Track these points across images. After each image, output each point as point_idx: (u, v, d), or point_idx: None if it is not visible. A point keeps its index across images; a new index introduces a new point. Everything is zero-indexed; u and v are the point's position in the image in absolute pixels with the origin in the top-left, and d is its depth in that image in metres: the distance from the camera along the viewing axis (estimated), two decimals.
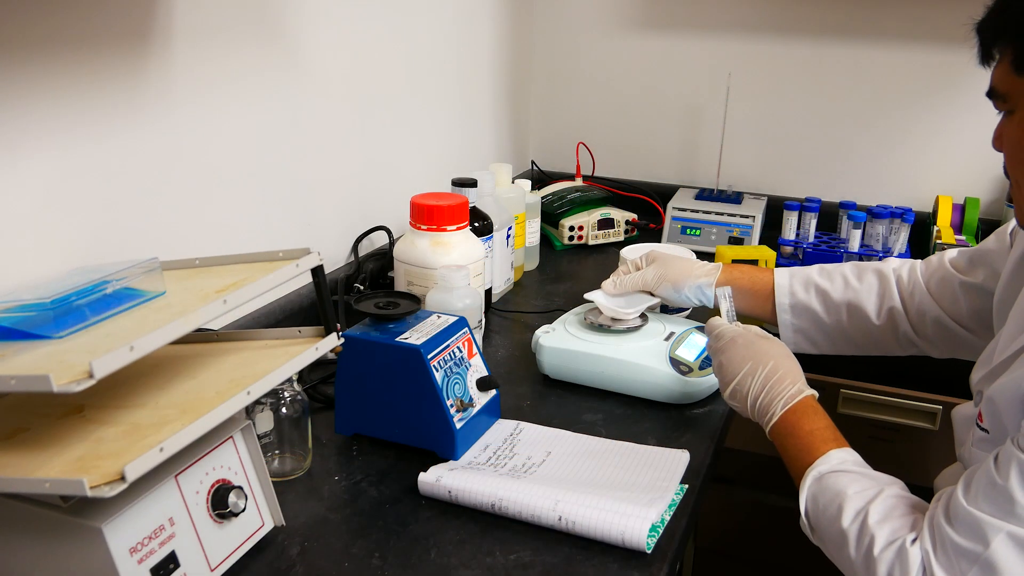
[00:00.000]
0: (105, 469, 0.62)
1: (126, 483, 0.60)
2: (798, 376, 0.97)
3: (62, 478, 0.61)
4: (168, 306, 0.75)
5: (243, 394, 0.70)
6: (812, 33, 1.80)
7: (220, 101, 1.10)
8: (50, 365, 0.63)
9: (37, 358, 0.65)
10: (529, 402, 1.13)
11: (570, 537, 0.85)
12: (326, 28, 1.28)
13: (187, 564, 0.72)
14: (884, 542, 0.78)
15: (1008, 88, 0.82)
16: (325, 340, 0.81)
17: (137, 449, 0.63)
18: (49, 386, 0.58)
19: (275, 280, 0.76)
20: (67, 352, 0.66)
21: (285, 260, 0.81)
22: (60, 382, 0.58)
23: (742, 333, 1.03)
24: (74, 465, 0.64)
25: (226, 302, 0.70)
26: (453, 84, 1.69)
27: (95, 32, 0.91)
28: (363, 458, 0.99)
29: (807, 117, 1.85)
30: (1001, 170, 0.92)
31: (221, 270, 0.83)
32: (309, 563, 0.81)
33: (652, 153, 1.99)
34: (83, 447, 0.67)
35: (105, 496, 0.59)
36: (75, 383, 0.58)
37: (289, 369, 0.76)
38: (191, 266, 0.86)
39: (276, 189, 1.23)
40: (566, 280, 1.58)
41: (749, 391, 0.97)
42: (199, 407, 0.69)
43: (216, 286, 0.77)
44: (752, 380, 0.97)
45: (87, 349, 0.65)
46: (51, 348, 0.67)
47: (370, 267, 1.39)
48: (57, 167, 0.90)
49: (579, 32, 1.98)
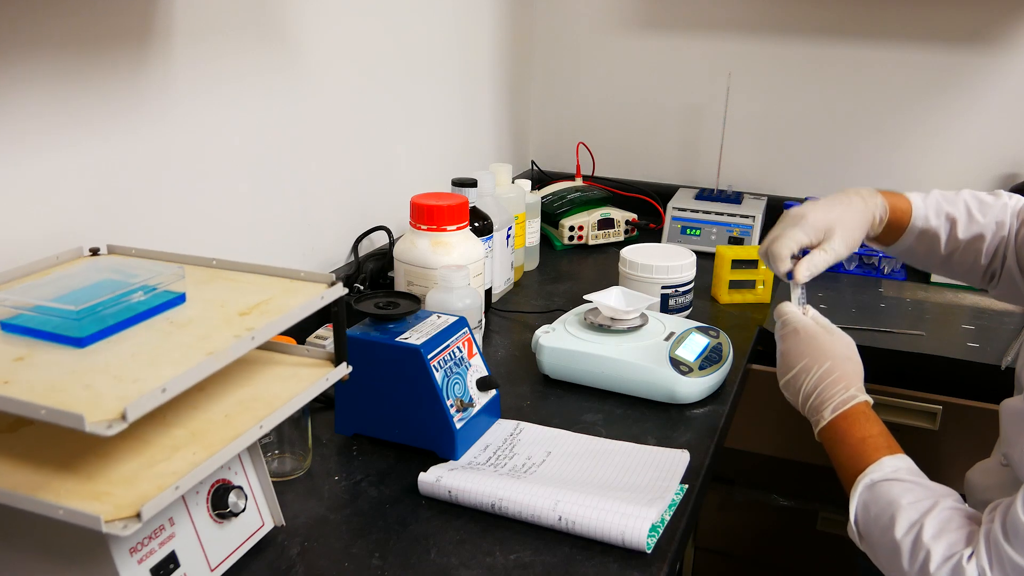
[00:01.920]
0: (118, 500, 0.62)
1: (141, 523, 0.60)
2: (854, 379, 0.95)
3: (77, 509, 0.60)
4: (191, 322, 0.73)
5: (256, 428, 0.70)
6: (812, 33, 1.80)
7: (220, 100, 1.10)
8: (76, 390, 0.62)
9: (61, 376, 0.64)
10: (529, 402, 1.13)
11: (570, 537, 0.85)
12: (326, 28, 1.28)
13: (187, 564, 0.72)
14: (940, 558, 0.77)
15: None
16: (335, 370, 0.81)
17: (151, 481, 0.63)
18: (81, 425, 0.57)
19: (299, 314, 0.75)
20: (93, 373, 0.65)
21: (307, 281, 0.81)
22: (92, 420, 0.57)
23: (807, 325, 1.00)
24: (84, 487, 0.63)
25: (254, 339, 0.70)
26: (453, 84, 1.69)
27: (95, 31, 0.91)
28: (363, 458, 0.99)
29: (807, 117, 1.85)
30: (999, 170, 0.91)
31: (240, 279, 0.82)
32: (309, 563, 0.81)
33: (652, 153, 1.99)
34: (91, 461, 0.66)
35: (119, 534, 0.59)
36: (106, 424, 0.57)
37: (300, 401, 0.75)
38: (208, 266, 0.85)
39: (276, 189, 1.23)
40: (566, 280, 1.58)
41: (802, 388, 0.95)
42: (209, 432, 0.69)
43: (237, 304, 0.76)
44: (807, 377, 0.95)
45: (113, 372, 0.64)
46: (75, 363, 0.66)
47: (370, 267, 1.39)
48: (57, 166, 0.90)
49: (579, 32, 1.98)
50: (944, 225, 1.11)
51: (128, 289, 0.73)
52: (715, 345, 1.17)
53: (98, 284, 0.75)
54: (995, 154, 1.74)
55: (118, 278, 0.76)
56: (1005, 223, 1.11)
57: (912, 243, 1.12)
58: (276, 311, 0.75)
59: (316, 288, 0.80)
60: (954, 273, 1.16)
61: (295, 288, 0.80)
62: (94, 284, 0.76)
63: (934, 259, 1.14)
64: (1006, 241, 1.10)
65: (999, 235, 1.10)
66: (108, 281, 0.76)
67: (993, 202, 1.12)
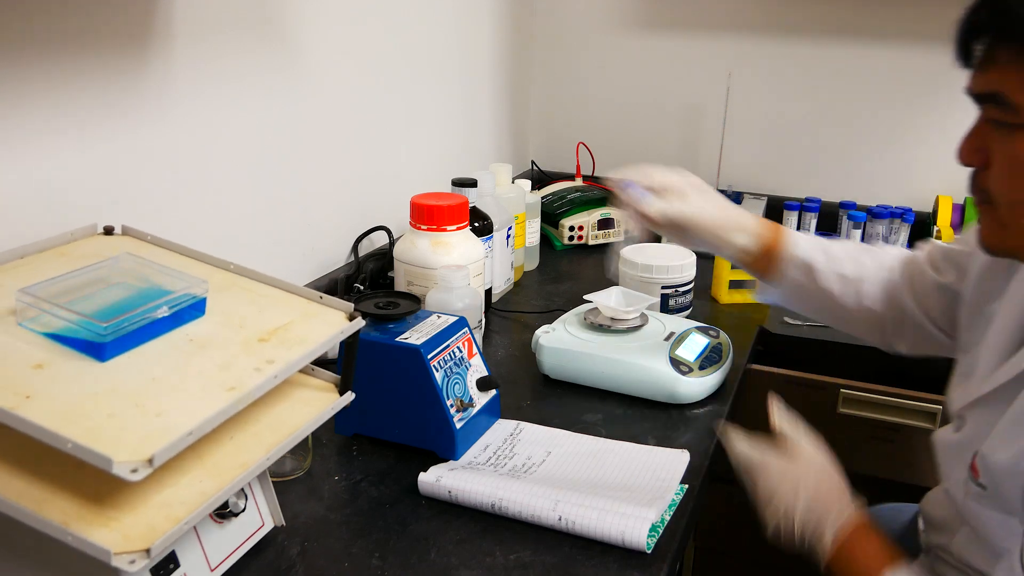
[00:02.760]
0: (127, 529, 0.61)
1: (149, 559, 0.60)
2: (838, 497, 0.88)
3: (88, 539, 0.60)
4: (210, 343, 0.72)
5: (263, 459, 0.70)
6: (812, 33, 1.80)
7: (220, 100, 1.10)
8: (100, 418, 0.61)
9: (82, 397, 0.63)
10: (529, 402, 1.13)
11: (570, 537, 0.85)
12: (326, 27, 1.28)
13: (187, 564, 0.72)
14: None
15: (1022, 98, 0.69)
16: (340, 399, 0.81)
17: (159, 510, 0.63)
18: (109, 467, 0.57)
19: (319, 350, 0.74)
20: (115, 397, 0.64)
21: (326, 307, 0.80)
22: (119, 460, 0.57)
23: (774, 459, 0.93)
24: (90, 509, 0.63)
25: (276, 377, 0.69)
26: (453, 84, 1.69)
27: (95, 31, 0.91)
28: (363, 458, 0.99)
29: (807, 117, 1.85)
30: None
31: (257, 292, 0.81)
32: (309, 563, 0.81)
33: (652, 153, 1.99)
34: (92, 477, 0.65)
35: (126, 569, 0.59)
36: (131, 467, 0.57)
37: (305, 430, 0.75)
38: (226, 269, 0.84)
39: (276, 189, 1.23)
40: (566, 280, 1.58)
41: (795, 529, 0.88)
42: (216, 458, 0.69)
43: (255, 324, 0.75)
44: (793, 517, 0.87)
45: (135, 400, 0.64)
46: (96, 383, 0.65)
47: (370, 267, 1.39)
48: (56, 167, 0.90)
49: (579, 32, 1.98)
50: (820, 255, 1.07)
51: (154, 304, 0.71)
52: (715, 345, 1.17)
53: (124, 296, 0.73)
54: None
55: (142, 286, 0.75)
56: (894, 268, 1.07)
57: (796, 275, 1.07)
58: (296, 341, 0.74)
59: (336, 317, 0.79)
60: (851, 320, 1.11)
61: (314, 313, 0.79)
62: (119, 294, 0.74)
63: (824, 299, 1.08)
64: (898, 289, 1.06)
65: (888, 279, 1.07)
66: (134, 293, 0.74)
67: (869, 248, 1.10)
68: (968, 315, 0.95)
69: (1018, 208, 0.73)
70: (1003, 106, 0.71)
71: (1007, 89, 0.70)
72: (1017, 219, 0.74)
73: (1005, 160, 0.73)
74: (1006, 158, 0.73)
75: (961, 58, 0.76)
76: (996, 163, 0.74)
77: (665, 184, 1.03)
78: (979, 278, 0.94)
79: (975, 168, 0.77)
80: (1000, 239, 0.77)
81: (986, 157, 0.75)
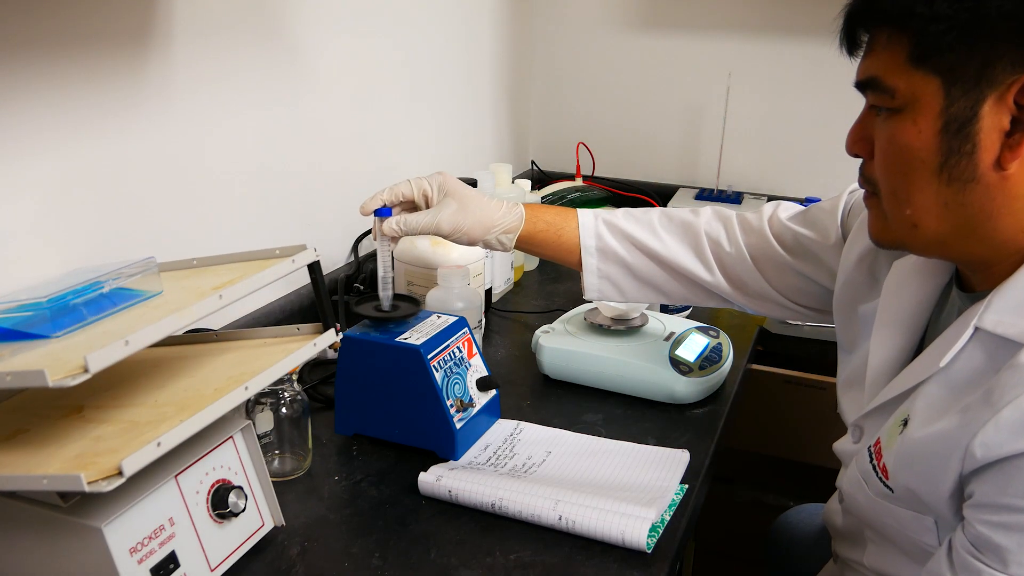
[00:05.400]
0: (102, 465, 0.62)
1: (123, 478, 0.60)
2: None
3: (59, 474, 0.61)
4: (165, 304, 0.75)
5: (240, 389, 0.70)
6: (812, 33, 1.80)
7: (220, 100, 1.10)
8: (46, 362, 0.63)
9: (35, 356, 0.65)
10: (529, 402, 1.13)
11: (570, 537, 0.85)
12: (326, 28, 1.28)
13: (187, 564, 0.72)
14: None
15: (899, 83, 0.70)
16: (323, 336, 0.81)
17: (134, 445, 0.63)
18: (44, 381, 0.58)
19: (271, 276, 0.76)
20: (64, 351, 0.66)
21: (282, 257, 0.81)
22: (55, 377, 0.58)
23: None
24: (72, 462, 0.64)
25: (221, 297, 0.70)
26: (453, 84, 1.69)
27: (94, 32, 0.91)
28: (363, 458, 0.99)
29: (807, 117, 1.85)
30: None
31: (219, 269, 0.83)
32: (309, 563, 0.81)
33: (652, 153, 1.99)
34: (81, 445, 0.67)
35: (103, 491, 0.60)
36: (70, 377, 0.58)
37: (287, 364, 0.76)
38: (189, 266, 0.86)
39: (276, 189, 1.23)
40: (566, 280, 1.58)
41: None
42: (197, 404, 0.69)
43: (213, 284, 0.77)
44: None
45: (84, 347, 0.65)
46: (48, 347, 0.67)
47: (370, 267, 1.39)
48: (56, 167, 0.90)
49: (579, 32, 1.98)
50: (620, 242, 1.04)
51: (97, 279, 0.73)
52: (715, 345, 1.17)
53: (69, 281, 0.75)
54: None
55: (92, 276, 0.77)
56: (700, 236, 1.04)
57: (597, 263, 1.05)
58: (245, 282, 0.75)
59: (286, 263, 0.80)
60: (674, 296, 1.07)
61: (271, 263, 0.80)
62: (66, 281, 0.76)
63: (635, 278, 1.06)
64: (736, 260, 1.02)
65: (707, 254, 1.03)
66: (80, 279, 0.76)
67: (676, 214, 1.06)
68: (842, 314, 0.94)
69: (896, 196, 0.73)
70: (880, 91, 0.72)
71: (882, 73, 0.71)
72: (896, 208, 0.74)
73: (883, 146, 0.73)
74: (883, 143, 0.73)
75: (845, 47, 0.77)
76: (877, 151, 0.75)
77: (412, 196, 1.01)
78: (845, 276, 0.92)
79: (863, 159, 0.78)
80: (885, 230, 0.77)
81: (871, 147, 0.76)
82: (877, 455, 0.78)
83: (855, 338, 0.90)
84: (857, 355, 0.89)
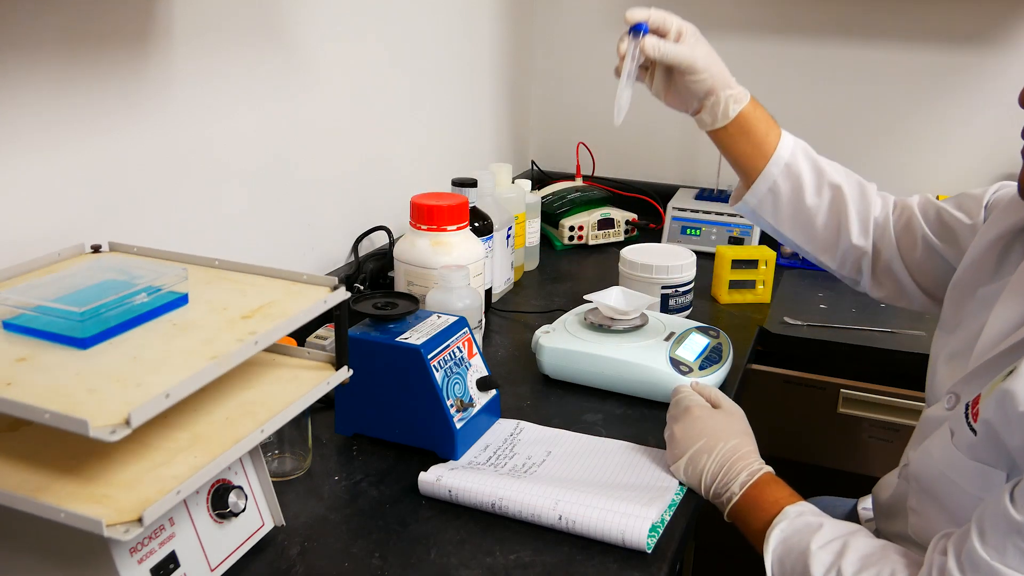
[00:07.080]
0: (120, 503, 0.61)
1: (143, 527, 0.60)
2: (756, 454, 0.92)
3: (79, 513, 0.60)
4: (193, 325, 0.73)
5: (256, 433, 0.70)
6: (812, 33, 1.80)
7: (220, 100, 1.10)
8: (80, 394, 0.62)
9: (65, 379, 0.64)
10: (529, 402, 1.13)
11: (570, 537, 0.85)
12: (326, 28, 1.28)
13: (187, 564, 0.72)
14: None
15: None
16: (336, 374, 0.81)
17: (152, 485, 0.63)
18: (85, 430, 0.57)
19: (302, 319, 0.75)
20: (96, 376, 0.64)
21: (310, 284, 0.81)
22: (97, 425, 0.57)
23: (700, 403, 0.98)
24: (85, 489, 0.63)
25: (257, 343, 0.70)
26: (453, 84, 1.69)
27: (95, 30, 0.91)
28: (363, 458, 0.99)
29: (807, 117, 1.84)
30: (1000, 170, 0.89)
31: (242, 281, 0.82)
32: (309, 563, 0.81)
33: (652, 153, 1.99)
34: (91, 464, 0.66)
35: (121, 539, 0.59)
36: (110, 429, 0.57)
37: (301, 405, 0.75)
38: (211, 266, 0.85)
39: (276, 189, 1.23)
40: (566, 280, 1.58)
41: (705, 470, 0.90)
42: (210, 435, 0.69)
43: (239, 306, 0.76)
44: (708, 459, 0.91)
45: (116, 376, 0.64)
46: (78, 365, 0.66)
47: (370, 267, 1.39)
48: (57, 165, 0.90)
49: (579, 32, 1.98)
50: (808, 169, 1.09)
51: (132, 291, 0.73)
52: (715, 345, 1.17)
53: (101, 284, 0.75)
54: (995, 154, 1.74)
55: (121, 278, 0.76)
56: (886, 205, 1.09)
57: (777, 178, 1.08)
58: (279, 315, 0.75)
59: (319, 292, 0.80)
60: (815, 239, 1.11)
61: (298, 291, 0.80)
62: (97, 284, 0.75)
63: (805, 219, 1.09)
64: (882, 228, 1.08)
65: (868, 213, 1.08)
66: (111, 282, 0.76)
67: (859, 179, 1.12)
68: (958, 294, 0.95)
69: None
70: None
71: None
72: None
73: None
74: None
75: None
76: None
77: (673, 28, 1.07)
78: (973, 256, 0.93)
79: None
80: None
81: None
82: (973, 405, 0.77)
83: (965, 317, 0.91)
84: (964, 329, 0.90)
